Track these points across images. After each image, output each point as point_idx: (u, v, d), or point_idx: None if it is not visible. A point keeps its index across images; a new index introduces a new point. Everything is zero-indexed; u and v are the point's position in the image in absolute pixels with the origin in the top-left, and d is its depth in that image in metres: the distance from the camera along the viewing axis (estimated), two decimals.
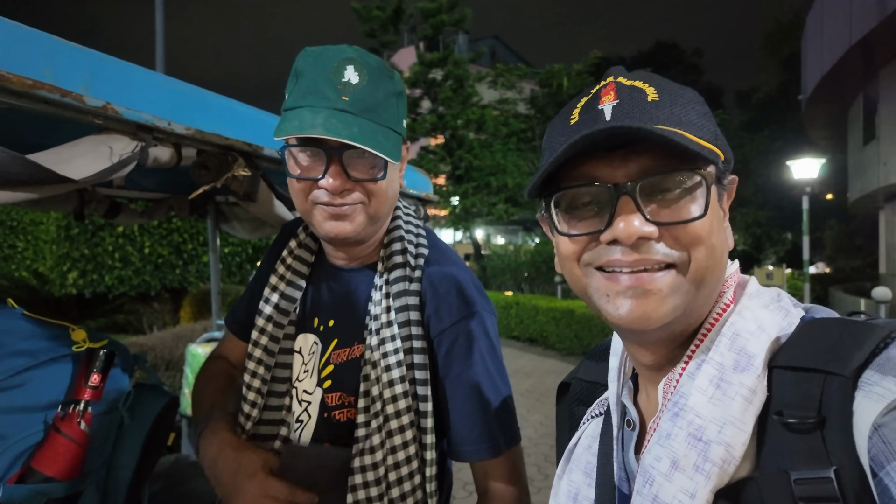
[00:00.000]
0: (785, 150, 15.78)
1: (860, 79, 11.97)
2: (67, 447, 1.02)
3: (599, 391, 0.76)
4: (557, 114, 0.62)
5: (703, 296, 0.55)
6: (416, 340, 0.97)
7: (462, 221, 17.45)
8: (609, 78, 0.58)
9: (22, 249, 9.29)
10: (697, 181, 0.53)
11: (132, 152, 0.92)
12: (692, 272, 0.53)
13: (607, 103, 0.55)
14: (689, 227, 0.53)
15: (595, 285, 0.56)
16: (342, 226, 0.93)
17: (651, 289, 0.53)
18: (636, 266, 0.53)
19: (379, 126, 0.90)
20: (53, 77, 0.79)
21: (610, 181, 0.54)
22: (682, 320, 0.55)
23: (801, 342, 0.52)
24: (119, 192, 1.84)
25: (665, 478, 0.52)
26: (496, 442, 0.95)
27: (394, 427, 0.94)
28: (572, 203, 0.57)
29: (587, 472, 0.69)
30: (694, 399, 0.52)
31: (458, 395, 0.96)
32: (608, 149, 0.54)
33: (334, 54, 0.90)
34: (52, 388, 1.06)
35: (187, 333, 4.44)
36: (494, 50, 36.54)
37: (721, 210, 0.58)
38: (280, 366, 1.06)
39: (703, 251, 0.53)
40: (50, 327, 1.13)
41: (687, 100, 0.56)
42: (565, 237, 0.58)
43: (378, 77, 0.91)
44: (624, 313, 0.54)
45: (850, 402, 0.45)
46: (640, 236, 0.52)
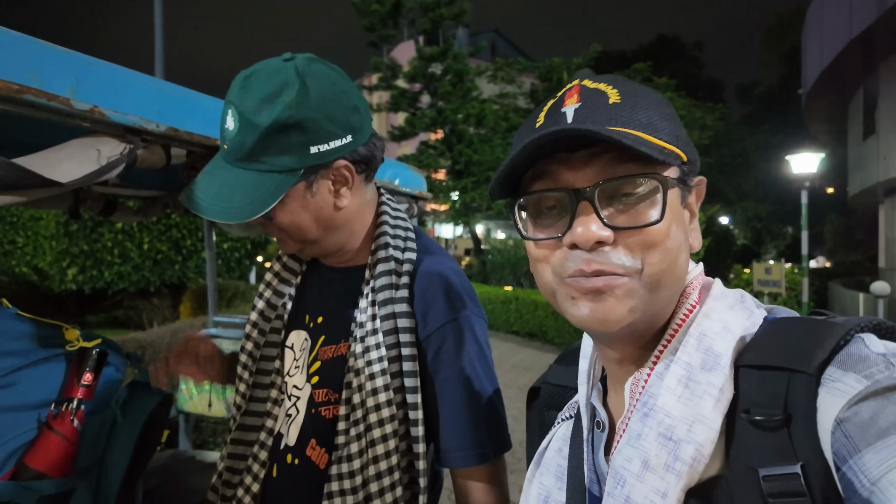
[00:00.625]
0: (785, 145, 15.75)
1: (860, 73, 11.93)
2: (60, 445, 1.03)
3: (569, 395, 0.77)
4: (528, 116, 0.63)
5: (662, 298, 0.56)
6: (405, 347, 0.96)
7: (462, 216, 17.45)
8: (575, 81, 0.59)
9: (22, 245, 9.31)
10: (654, 186, 0.54)
11: (120, 154, 0.93)
12: (646, 276, 0.54)
13: (570, 106, 0.56)
14: (644, 231, 0.53)
15: (562, 292, 0.57)
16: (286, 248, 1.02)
17: (607, 291, 0.53)
18: (596, 275, 0.54)
19: (247, 171, 0.88)
20: (39, 81, 0.80)
21: (571, 185, 0.55)
22: (643, 321, 0.56)
23: (766, 341, 0.52)
24: (114, 190, 1.85)
25: (636, 478, 0.52)
26: (484, 449, 0.94)
27: (377, 436, 0.94)
28: (537, 207, 0.58)
29: (558, 475, 0.70)
30: (663, 399, 0.53)
31: (445, 399, 0.95)
32: (571, 150, 0.55)
33: (228, 92, 0.90)
34: (45, 386, 1.08)
35: (186, 329, 4.45)
36: (494, 44, 36.42)
37: (687, 210, 0.59)
38: (265, 359, 1.10)
39: (657, 255, 0.54)
40: (43, 327, 1.14)
41: (649, 102, 0.56)
42: (532, 241, 0.59)
43: (250, 118, 0.85)
44: (586, 314, 0.55)
45: (814, 399, 0.47)
46: (597, 240, 0.53)
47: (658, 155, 0.51)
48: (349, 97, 0.92)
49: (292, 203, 0.93)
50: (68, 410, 1.06)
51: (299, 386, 1.06)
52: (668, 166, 0.55)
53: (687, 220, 0.59)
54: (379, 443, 0.94)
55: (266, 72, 0.88)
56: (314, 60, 0.92)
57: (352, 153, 0.93)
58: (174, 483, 1.82)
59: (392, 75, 17.43)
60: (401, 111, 18.03)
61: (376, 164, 1.00)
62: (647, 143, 0.52)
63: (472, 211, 17.27)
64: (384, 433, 0.94)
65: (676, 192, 0.56)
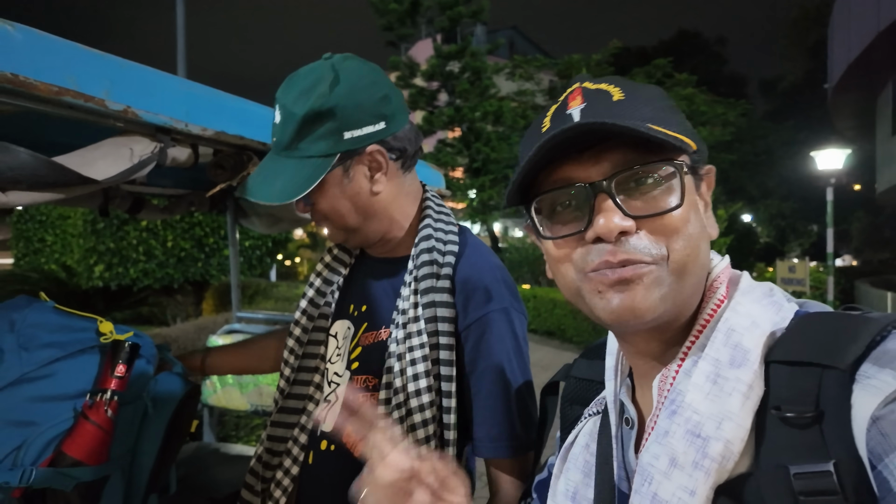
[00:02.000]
0: (810, 141, 15.41)
1: (889, 67, 11.63)
2: (95, 434, 1.06)
3: (594, 389, 0.76)
4: (531, 124, 0.64)
5: (688, 286, 0.56)
6: (444, 336, 0.97)
7: (479, 214, 17.41)
8: (575, 85, 0.60)
9: (51, 243, 9.55)
10: (671, 171, 0.55)
11: (151, 153, 0.97)
12: (672, 263, 0.54)
13: (575, 107, 0.56)
14: (667, 217, 0.54)
15: (587, 287, 0.57)
16: (334, 237, 1.08)
17: (635, 279, 0.54)
18: (623, 265, 0.54)
19: (289, 159, 0.97)
20: (76, 83, 0.83)
21: (586, 181, 0.55)
22: (671, 311, 0.56)
23: (797, 336, 0.52)
24: (141, 188, 1.90)
25: (664, 476, 0.52)
26: (518, 441, 0.96)
27: (417, 420, 0.96)
28: (553, 207, 0.59)
29: (585, 471, 0.69)
30: (691, 396, 0.52)
31: (482, 391, 0.97)
32: (580, 150, 0.56)
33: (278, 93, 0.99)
34: (81, 377, 1.11)
35: (209, 325, 4.53)
36: (513, 41, 36.24)
37: (700, 199, 0.59)
38: (311, 343, 1.14)
39: (681, 241, 0.54)
40: (78, 320, 1.18)
41: (651, 96, 0.57)
42: (551, 241, 0.59)
43: (290, 111, 0.94)
44: (615, 306, 0.54)
45: (847, 396, 0.46)
46: (620, 230, 0.53)
47: (676, 143, 0.52)
48: (379, 87, 0.98)
49: (331, 189, 0.99)
50: (102, 401, 1.09)
51: (339, 373, 1.09)
52: (681, 153, 0.55)
53: (702, 209, 0.59)
54: (419, 427, 0.96)
55: (306, 69, 0.98)
56: (349, 58, 1.00)
57: (385, 140, 0.99)
58: (200, 475, 1.87)
59: (410, 74, 17.45)
60: (419, 110, 18.05)
61: (411, 152, 1.05)
62: (659, 131, 0.52)
63: (490, 209, 17.23)
64: (424, 418, 0.96)
65: (690, 179, 0.57)
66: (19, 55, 0.75)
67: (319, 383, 1.13)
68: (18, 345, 1.07)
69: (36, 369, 1.06)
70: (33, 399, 1.05)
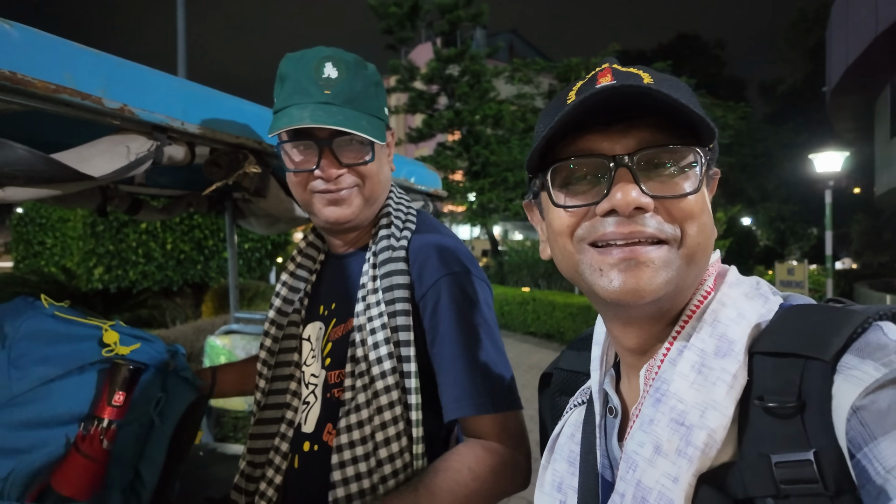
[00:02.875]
0: (810, 143, 15.42)
1: (887, 69, 11.65)
2: (87, 468, 0.98)
3: (581, 380, 0.77)
4: (550, 101, 0.62)
5: (693, 274, 0.56)
6: (400, 303, 0.98)
7: (479, 217, 17.42)
8: (604, 65, 0.59)
9: (50, 246, 9.56)
10: (692, 159, 0.55)
11: (148, 151, 0.98)
12: (685, 247, 0.54)
13: (605, 83, 0.55)
14: (683, 202, 0.54)
15: (587, 261, 0.57)
16: (340, 210, 1.01)
17: (644, 261, 0.53)
18: (630, 238, 0.54)
19: (361, 113, 0.98)
20: (74, 81, 0.84)
21: (609, 153, 0.55)
22: (671, 297, 0.56)
23: (781, 328, 0.52)
24: (140, 189, 1.91)
25: (648, 463, 0.52)
26: (483, 399, 0.93)
27: (379, 388, 0.96)
28: (569, 175, 0.58)
29: (570, 460, 0.70)
30: (676, 384, 0.53)
31: (444, 353, 0.97)
32: (607, 124, 0.55)
33: (313, 54, 0.98)
34: (76, 400, 1.02)
35: (208, 327, 4.54)
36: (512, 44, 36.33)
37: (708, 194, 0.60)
38: (283, 351, 1.13)
39: (696, 227, 0.54)
40: (81, 327, 1.08)
41: (679, 87, 0.57)
42: (561, 210, 0.58)
43: (355, 70, 0.99)
44: (617, 286, 0.54)
45: (829, 386, 0.46)
46: (636, 206, 0.53)
47: (706, 129, 0.52)
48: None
49: (381, 154, 1.04)
50: (98, 431, 1.00)
51: (316, 374, 1.09)
52: (703, 142, 0.55)
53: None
54: (382, 394, 0.96)
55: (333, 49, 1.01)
56: None
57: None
58: (198, 475, 1.87)
59: (410, 77, 17.49)
60: (418, 113, 18.08)
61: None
62: (696, 109, 0.52)
63: (490, 212, 17.24)
64: (387, 384, 0.96)
65: (704, 172, 0.56)
66: (17, 53, 0.76)
67: (296, 390, 1.12)
68: (9, 362, 0.98)
69: (27, 392, 0.97)
70: (23, 425, 0.96)
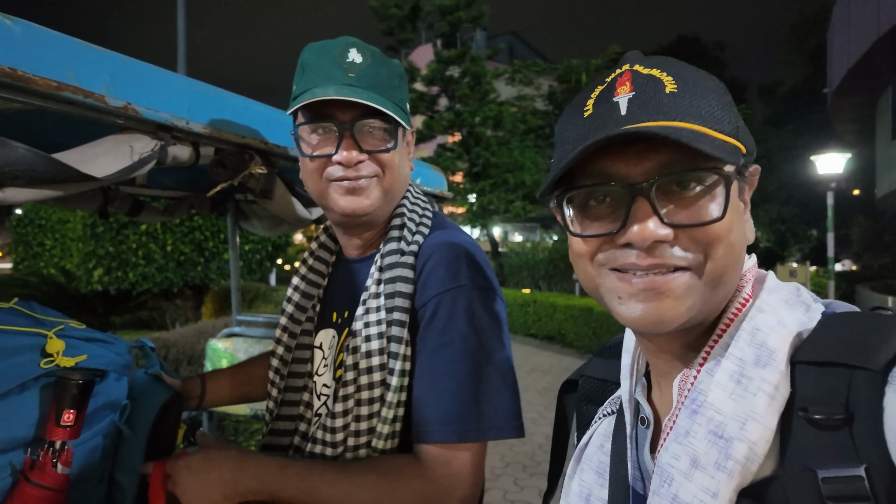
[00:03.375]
0: (810, 145, 15.42)
1: (888, 71, 11.65)
2: (42, 498, 0.84)
3: (610, 389, 0.75)
4: (570, 103, 0.60)
5: (721, 294, 0.54)
6: (399, 313, 0.91)
7: (479, 219, 17.42)
8: (625, 66, 0.55)
9: (50, 247, 9.53)
10: (716, 180, 0.51)
11: (152, 151, 0.95)
12: (709, 272, 0.52)
13: (623, 95, 0.52)
14: (708, 228, 0.51)
15: (608, 285, 0.55)
16: (359, 201, 0.94)
17: (665, 291, 0.51)
18: (651, 270, 0.52)
19: (386, 100, 0.93)
20: (76, 79, 0.82)
21: (626, 179, 0.52)
22: (697, 318, 0.54)
23: (825, 337, 0.50)
24: (141, 190, 1.89)
25: (684, 476, 0.50)
26: (468, 426, 0.84)
27: (364, 398, 0.91)
28: (586, 201, 0.56)
29: (599, 471, 0.68)
30: (713, 395, 0.51)
31: (431, 371, 0.88)
32: (625, 143, 0.52)
33: (337, 41, 0.95)
34: (18, 424, 0.87)
35: (208, 329, 4.52)
36: (512, 46, 36.35)
37: (742, 202, 0.57)
38: (297, 361, 1.09)
39: (722, 250, 0.52)
40: (18, 337, 0.92)
41: (707, 90, 0.53)
42: (578, 237, 0.57)
43: (380, 58, 0.96)
44: (637, 316, 0.52)
45: (879, 398, 0.44)
46: (655, 240, 0.50)
47: (727, 154, 0.49)
48: None
49: (402, 145, 1.00)
50: (49, 456, 0.86)
51: (328, 384, 1.04)
52: (728, 161, 0.51)
53: (742, 212, 0.56)
54: (365, 404, 0.91)
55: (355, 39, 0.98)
56: None
57: None
58: None
59: (410, 78, 17.49)
60: (419, 114, 18.09)
61: None
62: (712, 140, 0.49)
63: (490, 213, 17.23)
64: (371, 411, 0.91)
65: (735, 185, 0.53)
66: (18, 49, 0.74)
67: (309, 401, 1.07)
68: None
69: None
70: None
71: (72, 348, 0.95)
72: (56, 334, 0.94)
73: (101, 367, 0.98)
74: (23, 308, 0.99)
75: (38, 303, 1.05)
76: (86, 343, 0.99)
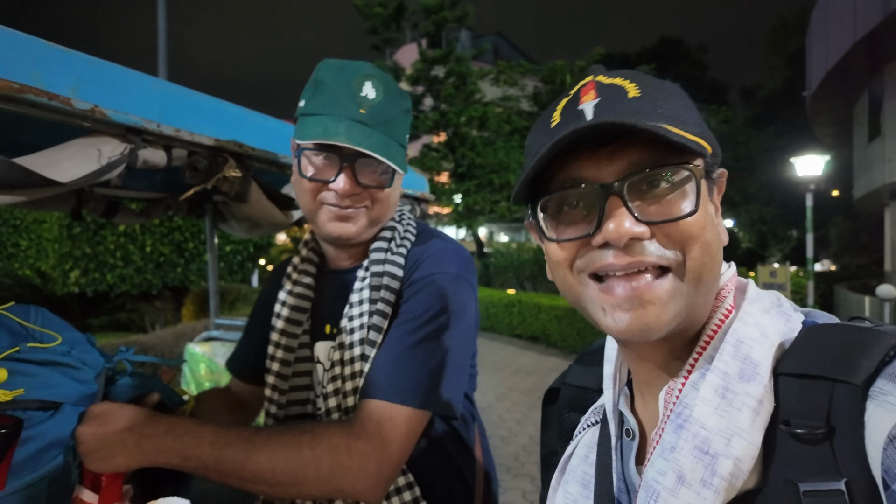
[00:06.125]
0: (790, 147, 15.67)
1: (865, 75, 11.89)
2: None
3: (592, 397, 0.74)
4: (538, 118, 0.60)
5: (702, 295, 0.54)
6: (382, 304, 0.97)
7: (465, 219, 17.43)
8: (588, 77, 0.56)
9: (25, 248, 9.33)
10: (686, 175, 0.51)
11: (121, 154, 0.93)
12: (689, 271, 0.51)
13: (588, 102, 0.53)
14: (682, 224, 0.51)
15: (590, 296, 0.55)
16: (346, 227, 1.00)
17: (650, 298, 0.51)
18: (630, 268, 0.51)
19: (391, 140, 0.97)
20: (41, 81, 0.79)
21: (597, 180, 0.52)
22: (683, 323, 0.53)
23: (807, 348, 0.50)
24: (116, 191, 1.85)
25: (671, 493, 0.50)
26: (414, 394, 0.88)
27: (350, 404, 0.96)
28: (560, 207, 0.56)
29: (584, 483, 0.67)
30: (699, 410, 0.50)
31: (390, 342, 0.94)
32: (594, 147, 0.52)
33: (354, 69, 0.97)
34: None
35: (188, 332, 4.46)
36: (497, 46, 36.43)
37: (712, 204, 0.57)
38: (298, 374, 1.09)
39: (698, 248, 0.51)
40: None
41: (669, 94, 0.54)
42: (555, 243, 0.56)
43: (393, 95, 0.99)
44: (623, 327, 0.52)
45: (861, 412, 0.44)
46: (631, 237, 0.50)
47: (694, 146, 0.49)
48: None
49: (397, 181, 1.05)
50: None
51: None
52: (697, 156, 0.52)
53: (714, 214, 0.57)
54: (350, 395, 0.97)
55: (373, 66, 1.00)
56: None
57: None
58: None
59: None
60: None
61: None
62: (677, 133, 0.49)
63: (475, 214, 17.25)
64: (355, 386, 0.96)
65: (704, 184, 0.54)
66: None
67: (313, 413, 1.08)
68: None
69: None
70: None
71: (17, 377, 0.81)
72: (11, 356, 0.82)
73: (54, 398, 0.87)
74: (12, 315, 0.89)
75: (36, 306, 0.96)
76: (42, 369, 0.87)
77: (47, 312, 1.00)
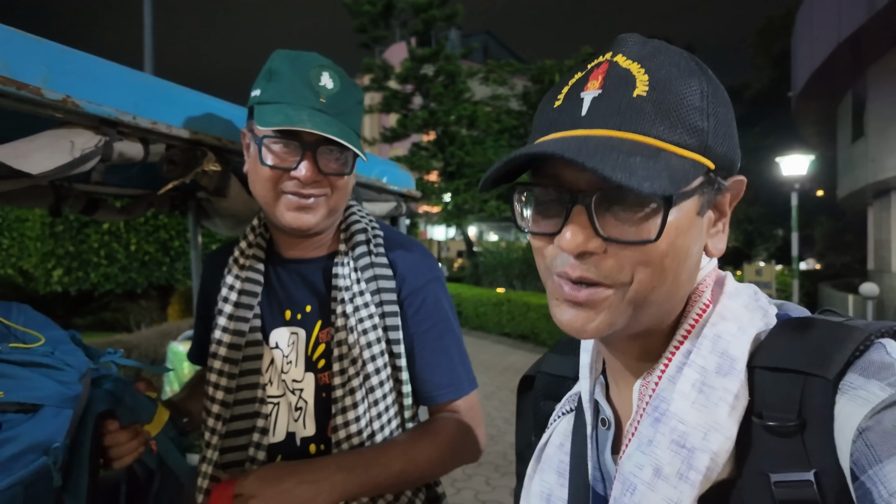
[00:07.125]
0: (776, 147, 15.84)
1: (849, 76, 12.04)
2: None
3: (567, 385, 0.75)
4: (553, 85, 0.58)
5: (648, 314, 0.53)
6: (388, 305, 1.07)
7: (454, 218, 17.44)
8: (608, 55, 0.52)
9: (7, 247, 9.18)
10: (655, 204, 0.49)
11: (95, 147, 0.90)
12: (631, 293, 0.51)
13: (590, 91, 0.51)
14: (638, 248, 0.49)
15: (549, 286, 0.56)
16: (305, 218, 1.00)
17: (584, 303, 0.51)
18: (578, 281, 0.52)
19: (349, 129, 0.99)
20: (9, 69, 0.77)
21: (572, 185, 0.51)
22: (628, 329, 0.53)
23: (781, 342, 0.51)
24: (97, 188, 1.81)
25: (648, 486, 0.50)
26: (463, 386, 1.11)
27: (375, 383, 1.04)
28: (538, 198, 0.55)
29: (560, 471, 0.67)
30: (676, 404, 0.51)
31: (428, 346, 1.10)
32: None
33: (309, 60, 0.99)
34: None
35: (173, 331, 4.41)
36: (487, 45, 36.49)
37: (713, 213, 0.55)
38: (248, 359, 1.07)
39: (648, 273, 0.50)
40: None
41: (681, 92, 0.49)
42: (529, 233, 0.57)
43: (348, 86, 1.02)
44: (564, 321, 0.53)
45: (831, 406, 0.45)
46: (583, 250, 0.50)
47: (659, 189, 0.45)
48: None
49: (354, 170, 1.07)
50: None
51: (298, 378, 1.07)
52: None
53: (707, 226, 0.55)
54: (381, 401, 1.05)
55: (321, 57, 1.02)
56: None
57: None
58: None
59: (384, 76, 17.40)
60: (392, 112, 18.01)
61: None
62: (651, 174, 0.46)
63: (465, 213, 17.26)
64: (384, 392, 1.05)
65: (695, 201, 0.51)
66: None
67: (262, 397, 1.07)
68: None
69: None
70: None
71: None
72: None
73: (33, 400, 0.85)
74: None
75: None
76: (22, 370, 0.86)
77: (30, 310, 1.01)
